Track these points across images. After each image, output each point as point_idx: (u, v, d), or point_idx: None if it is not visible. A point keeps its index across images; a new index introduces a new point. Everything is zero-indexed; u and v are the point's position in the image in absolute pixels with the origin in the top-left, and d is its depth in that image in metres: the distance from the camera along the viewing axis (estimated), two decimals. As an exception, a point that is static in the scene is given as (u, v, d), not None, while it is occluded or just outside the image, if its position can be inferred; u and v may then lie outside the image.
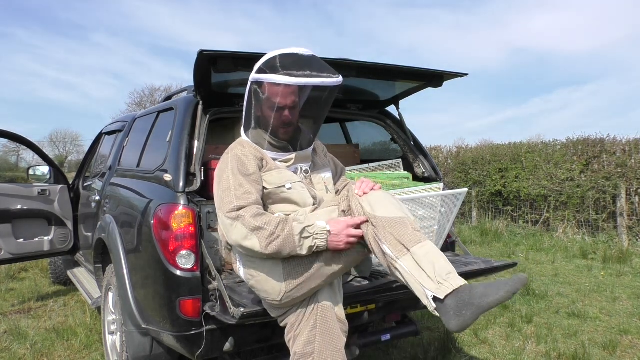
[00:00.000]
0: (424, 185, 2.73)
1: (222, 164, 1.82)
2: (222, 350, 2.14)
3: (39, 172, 4.35)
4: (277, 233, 1.60)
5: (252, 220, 1.62)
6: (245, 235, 1.62)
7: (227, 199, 1.69)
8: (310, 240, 1.62)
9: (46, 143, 39.83)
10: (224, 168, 1.78)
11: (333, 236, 1.64)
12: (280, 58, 1.75)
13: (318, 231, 1.63)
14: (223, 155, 1.86)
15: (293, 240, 1.60)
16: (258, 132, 1.86)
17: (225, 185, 1.72)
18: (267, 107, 1.78)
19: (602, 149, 7.59)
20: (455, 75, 2.65)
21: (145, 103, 31.80)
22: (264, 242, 1.60)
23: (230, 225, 1.64)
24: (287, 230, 1.61)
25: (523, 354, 3.10)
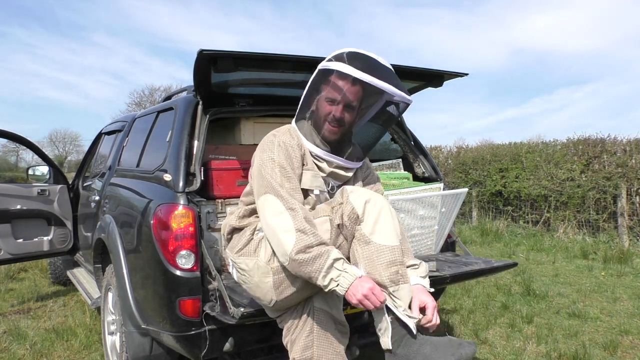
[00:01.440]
0: (424, 185, 2.73)
1: (267, 144, 1.73)
2: (222, 351, 2.14)
3: (38, 172, 4.35)
4: (315, 248, 1.52)
5: (303, 220, 1.55)
6: (288, 229, 1.54)
7: (273, 182, 1.63)
8: (337, 274, 1.51)
9: (46, 143, 39.90)
10: (270, 149, 1.70)
11: (355, 286, 1.51)
12: (353, 54, 1.69)
13: (350, 272, 1.52)
14: (267, 137, 1.77)
15: (324, 262, 1.50)
16: (309, 125, 1.78)
17: (270, 169, 1.65)
18: (324, 97, 1.71)
19: (602, 148, 7.59)
20: (456, 75, 2.65)
21: (145, 103, 31.79)
22: (299, 247, 1.52)
23: (280, 213, 1.57)
24: (325, 250, 1.52)
25: (523, 354, 3.10)
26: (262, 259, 1.69)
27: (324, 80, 1.71)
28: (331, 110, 1.71)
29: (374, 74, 1.63)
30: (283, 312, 1.79)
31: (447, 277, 2.26)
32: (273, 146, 1.71)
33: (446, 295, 4.33)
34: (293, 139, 1.74)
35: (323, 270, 1.50)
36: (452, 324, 3.63)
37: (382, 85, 1.63)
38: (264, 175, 1.66)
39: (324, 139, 1.75)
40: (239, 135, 2.84)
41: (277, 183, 1.63)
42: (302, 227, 1.54)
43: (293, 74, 2.38)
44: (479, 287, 4.64)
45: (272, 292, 1.69)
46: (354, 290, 1.50)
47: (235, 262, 1.79)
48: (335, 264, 1.51)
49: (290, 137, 1.75)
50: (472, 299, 4.28)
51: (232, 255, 1.81)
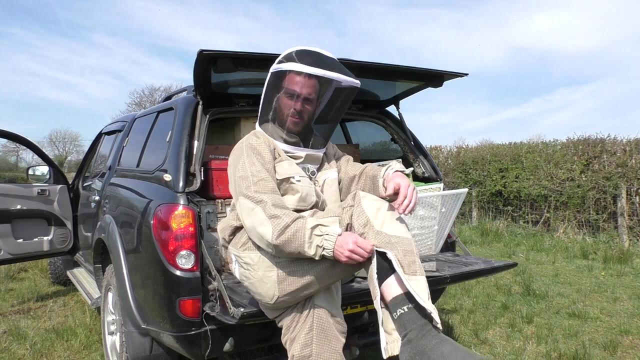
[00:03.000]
0: (424, 185, 2.73)
1: (236, 152, 1.84)
2: (222, 351, 2.14)
3: (38, 172, 4.35)
4: (291, 226, 1.58)
5: (272, 207, 1.61)
6: (262, 221, 1.60)
7: (245, 183, 1.70)
8: (319, 239, 1.57)
9: (46, 143, 39.87)
10: (239, 155, 1.80)
11: (339, 244, 1.57)
12: (301, 52, 1.82)
13: (330, 232, 1.58)
14: (237, 145, 1.87)
15: (304, 234, 1.57)
16: (272, 125, 1.89)
17: (241, 172, 1.74)
18: (283, 96, 1.83)
19: (602, 148, 7.59)
20: (456, 75, 2.65)
21: (145, 103, 31.79)
22: (277, 231, 1.57)
23: (252, 210, 1.64)
24: (301, 223, 1.58)
25: (523, 354, 3.10)
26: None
27: (280, 80, 1.83)
28: (292, 105, 1.83)
29: (322, 66, 1.77)
30: (282, 311, 1.79)
31: (447, 277, 2.26)
32: (242, 151, 1.80)
33: (446, 295, 4.33)
34: (259, 139, 1.85)
35: (306, 241, 1.56)
36: (452, 324, 3.63)
37: (330, 74, 1.77)
38: (236, 180, 1.75)
39: (289, 131, 1.86)
40: (239, 135, 2.83)
41: (244, 185, 1.70)
42: (273, 213, 1.60)
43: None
44: (479, 287, 4.65)
45: (275, 287, 1.69)
46: (340, 249, 1.56)
47: (240, 257, 1.79)
48: (315, 230, 1.57)
49: (256, 138, 1.85)
50: (472, 299, 4.28)
51: (236, 250, 1.81)
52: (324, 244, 1.57)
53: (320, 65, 1.78)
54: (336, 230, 1.59)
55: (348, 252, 1.55)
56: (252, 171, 1.72)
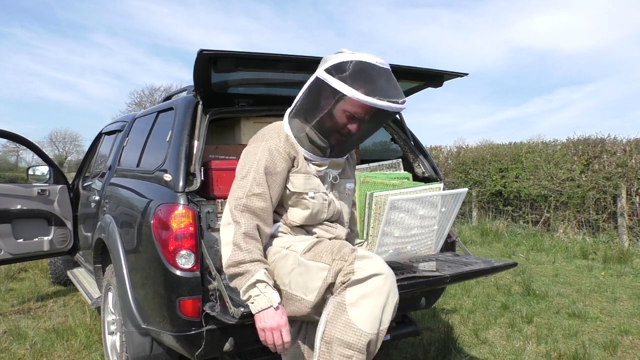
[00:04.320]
0: (424, 185, 2.73)
1: (252, 148, 1.74)
2: (222, 350, 2.14)
3: (38, 172, 4.34)
4: (244, 266, 1.58)
5: (241, 236, 1.60)
6: (227, 242, 1.62)
7: (239, 192, 1.66)
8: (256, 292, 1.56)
9: (46, 143, 39.90)
10: (253, 153, 1.71)
11: (266, 315, 1.54)
12: (360, 70, 1.62)
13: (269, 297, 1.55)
14: (257, 139, 1.78)
15: (247, 280, 1.57)
16: (305, 126, 1.75)
17: (244, 173, 1.69)
18: (336, 111, 1.67)
19: (602, 148, 7.59)
20: (456, 75, 2.65)
21: (145, 103, 31.79)
22: (231, 261, 1.59)
23: (227, 224, 1.65)
24: (253, 269, 1.58)
25: (523, 354, 3.10)
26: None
27: (337, 93, 1.65)
28: (346, 124, 1.69)
29: (381, 93, 1.59)
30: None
31: (447, 277, 2.26)
32: (258, 150, 1.72)
33: (446, 295, 4.33)
34: (281, 143, 1.73)
35: (244, 286, 1.57)
36: (452, 324, 3.63)
37: (394, 107, 1.61)
38: (236, 178, 1.71)
39: (330, 145, 1.74)
40: (239, 135, 2.84)
41: (237, 193, 1.67)
42: (238, 241, 1.59)
43: (293, 74, 2.38)
44: (479, 287, 4.65)
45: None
46: (264, 317, 1.54)
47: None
48: (258, 284, 1.56)
49: (279, 141, 1.73)
50: (472, 299, 4.28)
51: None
52: (256, 300, 1.55)
53: (381, 92, 1.60)
54: (275, 299, 1.56)
55: (268, 327, 1.54)
56: (252, 182, 1.66)
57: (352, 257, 1.58)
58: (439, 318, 3.75)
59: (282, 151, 1.72)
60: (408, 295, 2.57)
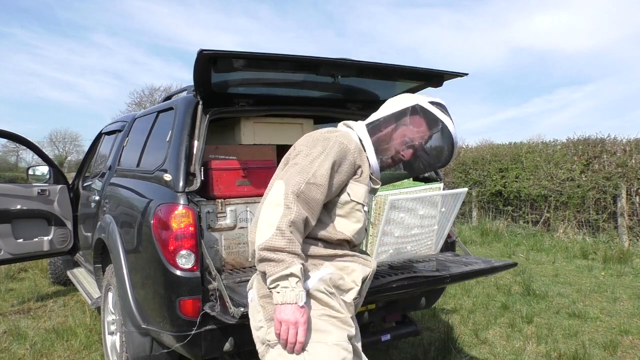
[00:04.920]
0: (424, 185, 2.73)
1: (321, 139, 1.64)
2: (222, 350, 2.14)
3: (38, 172, 4.35)
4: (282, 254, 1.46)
5: (288, 223, 1.48)
6: (270, 222, 1.49)
7: (300, 177, 1.54)
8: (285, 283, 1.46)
9: (46, 143, 39.88)
10: (322, 146, 1.61)
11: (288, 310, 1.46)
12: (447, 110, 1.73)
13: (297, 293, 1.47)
14: (326, 131, 1.69)
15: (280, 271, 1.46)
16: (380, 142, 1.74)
17: (307, 163, 1.57)
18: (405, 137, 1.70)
19: (602, 148, 7.59)
20: (456, 75, 2.65)
21: (145, 103, 31.79)
22: (268, 244, 1.46)
23: (275, 205, 1.51)
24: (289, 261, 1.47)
25: (523, 354, 3.10)
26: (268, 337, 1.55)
27: (419, 119, 1.68)
28: (401, 150, 1.71)
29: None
30: None
31: (447, 277, 2.26)
32: (328, 143, 1.62)
33: (446, 295, 4.33)
34: (351, 145, 1.66)
35: (275, 276, 1.46)
36: (452, 324, 3.63)
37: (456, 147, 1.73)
38: (296, 164, 1.58)
39: (386, 162, 1.75)
40: (239, 135, 2.84)
41: (296, 179, 1.54)
42: (282, 227, 1.48)
43: (293, 74, 2.38)
44: (479, 287, 4.65)
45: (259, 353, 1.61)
46: (286, 310, 1.46)
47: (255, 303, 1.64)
48: (291, 278, 1.47)
49: (349, 143, 1.66)
50: (472, 299, 4.28)
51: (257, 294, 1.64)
52: (283, 292, 1.46)
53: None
54: (303, 298, 1.48)
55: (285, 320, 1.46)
56: (316, 171, 1.56)
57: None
58: (439, 318, 3.75)
59: (351, 155, 1.64)
60: (408, 295, 2.58)
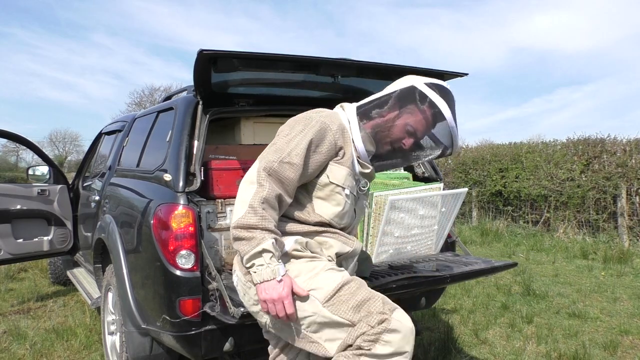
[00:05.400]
0: (424, 185, 2.73)
1: (303, 119, 1.62)
2: (222, 350, 2.14)
3: (38, 172, 4.35)
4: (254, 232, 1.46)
5: (260, 200, 1.48)
6: (243, 200, 1.49)
7: (274, 155, 1.54)
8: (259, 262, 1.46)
9: (46, 143, 39.88)
10: (303, 123, 1.60)
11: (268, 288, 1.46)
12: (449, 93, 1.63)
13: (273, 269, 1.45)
14: (312, 112, 1.66)
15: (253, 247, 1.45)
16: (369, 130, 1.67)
17: (286, 140, 1.56)
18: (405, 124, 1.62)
19: (602, 148, 7.59)
20: (456, 75, 2.65)
21: (145, 103, 31.80)
22: (241, 222, 1.46)
23: (250, 183, 1.52)
24: (261, 237, 1.46)
25: (523, 354, 3.10)
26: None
27: (416, 105, 1.60)
28: (402, 139, 1.64)
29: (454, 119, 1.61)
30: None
31: (447, 277, 2.26)
32: (308, 122, 1.60)
33: (446, 295, 4.33)
34: (334, 126, 1.62)
35: (249, 254, 1.47)
36: (452, 324, 3.63)
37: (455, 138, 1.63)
38: (275, 142, 1.58)
39: (376, 152, 1.68)
40: (239, 135, 2.84)
41: (271, 157, 1.54)
42: (254, 204, 1.47)
43: (293, 74, 2.38)
44: (479, 287, 4.65)
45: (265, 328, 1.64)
46: (266, 289, 1.46)
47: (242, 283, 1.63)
48: (264, 254, 1.46)
49: (332, 124, 1.62)
50: (472, 299, 4.28)
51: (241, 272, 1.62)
52: (259, 271, 1.46)
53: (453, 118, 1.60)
54: (280, 272, 1.47)
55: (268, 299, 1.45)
56: (292, 150, 1.54)
57: (382, 328, 1.46)
58: (439, 318, 3.75)
59: (332, 135, 1.61)
60: (408, 295, 2.58)
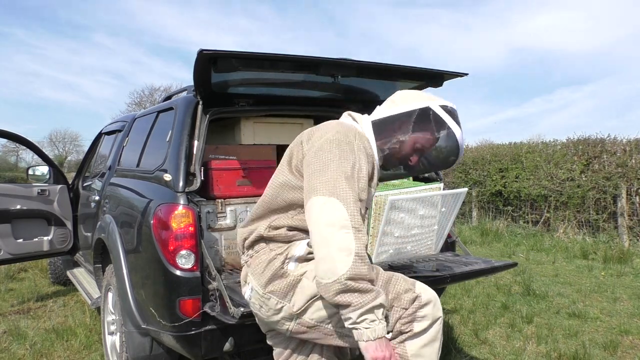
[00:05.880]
0: (424, 185, 2.73)
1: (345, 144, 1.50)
2: (222, 350, 2.14)
3: (38, 172, 4.35)
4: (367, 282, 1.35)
5: (363, 248, 1.36)
6: (348, 248, 1.34)
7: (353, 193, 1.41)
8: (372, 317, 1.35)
9: (46, 143, 39.83)
10: (349, 152, 1.48)
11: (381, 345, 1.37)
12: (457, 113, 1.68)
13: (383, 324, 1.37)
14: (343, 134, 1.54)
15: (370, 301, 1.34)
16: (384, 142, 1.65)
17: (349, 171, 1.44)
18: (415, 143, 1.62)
19: (602, 148, 7.59)
20: (456, 75, 2.65)
21: (145, 103, 31.79)
22: (352, 273, 1.33)
23: (342, 227, 1.36)
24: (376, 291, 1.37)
25: (523, 355, 3.10)
26: (295, 308, 1.52)
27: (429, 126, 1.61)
28: (410, 155, 1.64)
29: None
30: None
31: (447, 277, 2.26)
32: (353, 147, 1.51)
33: (446, 295, 4.33)
34: (368, 149, 1.59)
35: (364, 308, 1.34)
36: (452, 324, 3.63)
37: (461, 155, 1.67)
38: (337, 175, 1.43)
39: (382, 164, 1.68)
40: (239, 135, 2.84)
41: (354, 193, 1.41)
42: (362, 253, 1.36)
43: (293, 74, 2.38)
44: (479, 287, 4.64)
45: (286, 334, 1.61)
46: (380, 346, 1.37)
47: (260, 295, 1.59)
48: (377, 310, 1.36)
49: (369, 147, 1.60)
50: (472, 299, 4.28)
51: (258, 285, 1.58)
52: (372, 327, 1.36)
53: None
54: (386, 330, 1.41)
55: (380, 357, 1.37)
56: (361, 185, 1.46)
57: (415, 306, 1.49)
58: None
59: (373, 161, 1.60)
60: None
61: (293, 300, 1.53)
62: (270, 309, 1.57)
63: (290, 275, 1.55)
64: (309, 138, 1.60)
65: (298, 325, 1.56)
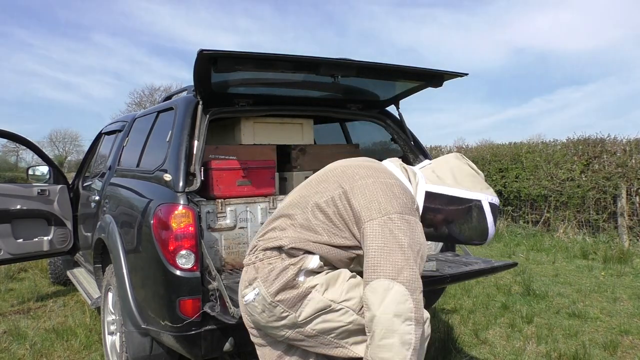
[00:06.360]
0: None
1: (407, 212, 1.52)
2: (222, 350, 2.14)
3: (38, 172, 4.35)
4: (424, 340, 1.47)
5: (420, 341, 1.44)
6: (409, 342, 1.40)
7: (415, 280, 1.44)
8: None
9: (46, 143, 39.82)
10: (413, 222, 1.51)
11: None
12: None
13: None
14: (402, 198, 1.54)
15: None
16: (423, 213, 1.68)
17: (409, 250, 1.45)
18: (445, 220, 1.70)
19: (602, 148, 7.58)
20: (456, 75, 2.65)
21: (145, 103, 31.82)
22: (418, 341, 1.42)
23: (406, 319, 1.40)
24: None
25: (523, 354, 3.10)
26: (300, 318, 1.54)
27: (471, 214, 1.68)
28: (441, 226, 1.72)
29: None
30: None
31: (447, 277, 2.26)
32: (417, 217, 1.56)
33: (446, 295, 4.33)
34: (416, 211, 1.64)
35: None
36: (452, 324, 3.63)
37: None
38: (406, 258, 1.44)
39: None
40: (239, 135, 2.84)
41: (419, 278, 1.44)
42: (418, 346, 1.43)
43: (293, 74, 2.38)
44: (479, 287, 4.64)
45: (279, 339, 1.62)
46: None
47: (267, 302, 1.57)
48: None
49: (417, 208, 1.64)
50: (472, 299, 4.28)
51: (267, 292, 1.56)
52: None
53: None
54: None
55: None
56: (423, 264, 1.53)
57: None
58: (439, 318, 3.75)
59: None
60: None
61: (300, 311, 1.54)
62: (274, 315, 1.57)
63: (301, 287, 1.55)
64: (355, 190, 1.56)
65: (297, 333, 1.57)
